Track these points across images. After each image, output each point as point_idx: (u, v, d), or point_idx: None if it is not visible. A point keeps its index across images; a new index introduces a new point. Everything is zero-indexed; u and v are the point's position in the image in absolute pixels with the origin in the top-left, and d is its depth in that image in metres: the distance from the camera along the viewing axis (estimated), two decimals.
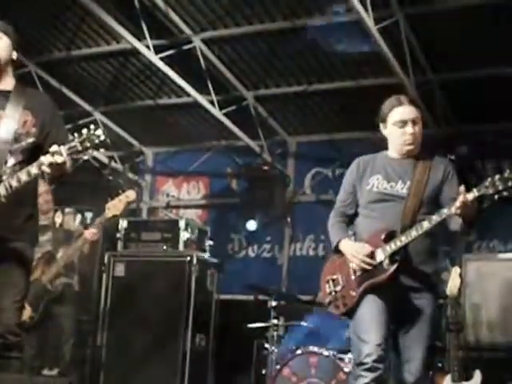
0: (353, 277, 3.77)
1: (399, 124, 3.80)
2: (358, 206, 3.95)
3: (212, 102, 7.99)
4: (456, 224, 3.63)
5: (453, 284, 5.24)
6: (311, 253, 8.91)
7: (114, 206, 5.20)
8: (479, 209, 3.52)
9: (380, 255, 3.68)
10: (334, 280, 3.88)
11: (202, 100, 7.92)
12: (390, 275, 3.62)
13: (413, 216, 3.69)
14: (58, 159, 3.33)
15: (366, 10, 6.11)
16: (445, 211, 3.54)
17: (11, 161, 3.58)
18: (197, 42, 7.39)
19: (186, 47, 7.40)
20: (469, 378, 5.14)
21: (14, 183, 3.44)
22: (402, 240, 3.62)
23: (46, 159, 3.36)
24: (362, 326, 3.65)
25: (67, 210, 5.75)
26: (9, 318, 3.52)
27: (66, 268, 5.58)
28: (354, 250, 3.76)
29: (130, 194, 5.26)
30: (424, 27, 6.79)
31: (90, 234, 5.40)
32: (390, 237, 3.67)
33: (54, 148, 3.35)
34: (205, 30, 7.34)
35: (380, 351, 3.55)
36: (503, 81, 7.10)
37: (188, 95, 8.00)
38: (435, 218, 3.55)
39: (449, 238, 6.45)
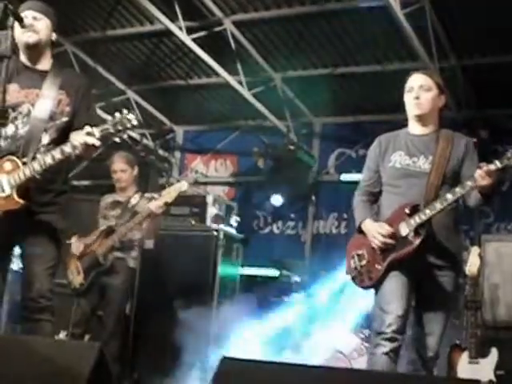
0: (378, 251, 3.75)
1: (407, 90, 3.87)
2: (382, 184, 3.93)
3: (241, 83, 8.11)
4: (474, 199, 3.65)
5: (472, 264, 5.32)
6: (334, 230, 9.01)
7: (168, 194, 5.40)
8: (498, 184, 3.52)
9: (404, 229, 3.66)
10: (359, 255, 3.86)
11: (231, 80, 8.04)
12: (416, 247, 3.61)
13: (436, 191, 3.68)
14: (92, 140, 3.45)
15: None
16: (468, 183, 3.54)
17: (46, 139, 3.68)
18: (227, 25, 7.48)
19: (216, 29, 7.50)
20: (485, 355, 5.15)
21: (49, 160, 3.54)
22: (426, 213, 3.61)
23: (80, 138, 3.47)
24: (385, 298, 3.67)
25: (146, 194, 5.79)
26: (41, 283, 3.69)
27: (122, 244, 5.64)
28: (374, 231, 3.76)
29: (183, 185, 5.46)
30: (449, 13, 6.83)
31: (155, 205, 5.41)
32: (415, 210, 3.65)
33: (88, 129, 3.47)
34: (235, 13, 7.43)
35: (400, 322, 3.59)
36: None
37: (218, 75, 8.12)
38: (459, 190, 3.57)
39: (468, 218, 6.64)
